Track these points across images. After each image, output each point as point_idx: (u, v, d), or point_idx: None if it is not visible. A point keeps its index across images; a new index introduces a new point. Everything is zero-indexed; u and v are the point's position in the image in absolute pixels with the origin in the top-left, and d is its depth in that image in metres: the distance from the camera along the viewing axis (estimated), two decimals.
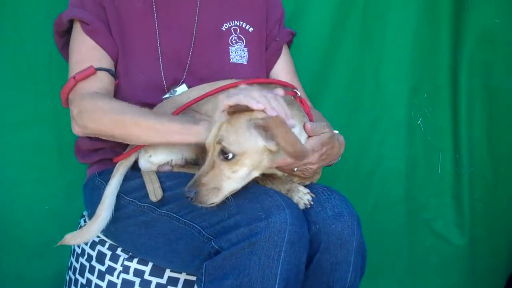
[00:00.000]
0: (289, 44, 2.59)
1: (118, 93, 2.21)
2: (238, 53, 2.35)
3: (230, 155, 1.71)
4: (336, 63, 3.01)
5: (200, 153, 2.02)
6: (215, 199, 1.72)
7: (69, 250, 2.36)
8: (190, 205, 1.86)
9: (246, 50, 2.37)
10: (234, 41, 2.36)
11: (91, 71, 2.10)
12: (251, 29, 2.40)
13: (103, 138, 2.09)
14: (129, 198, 2.05)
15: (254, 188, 1.83)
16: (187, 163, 2.08)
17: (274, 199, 1.76)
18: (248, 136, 1.72)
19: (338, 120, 2.96)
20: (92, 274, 2.20)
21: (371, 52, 3.03)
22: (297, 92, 2.10)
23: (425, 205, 3.18)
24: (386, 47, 3.04)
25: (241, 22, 2.39)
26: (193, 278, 2.08)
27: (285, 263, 1.70)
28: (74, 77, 2.09)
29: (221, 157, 1.72)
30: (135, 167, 2.10)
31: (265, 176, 1.97)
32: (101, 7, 2.21)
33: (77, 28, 2.20)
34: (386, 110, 3.08)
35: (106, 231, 2.16)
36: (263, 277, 1.68)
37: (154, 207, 1.96)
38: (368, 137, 3.10)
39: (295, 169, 1.92)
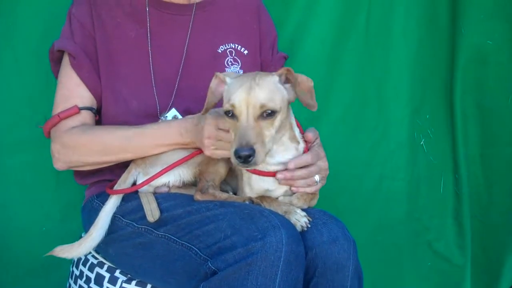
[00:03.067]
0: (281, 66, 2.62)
1: (109, 120, 2.24)
2: None
3: (269, 112, 1.79)
4: (337, 83, 3.04)
5: (198, 175, 2.04)
6: (263, 158, 1.77)
7: (67, 272, 2.36)
8: (187, 227, 1.90)
9: (241, 72, 2.40)
10: (230, 63, 2.39)
11: (75, 111, 2.19)
12: (245, 52, 2.44)
13: (91, 168, 2.20)
14: (126, 220, 2.07)
15: (249, 208, 1.85)
16: (184, 184, 2.10)
17: (269, 219, 1.77)
18: (280, 92, 1.84)
19: (340, 140, 3.01)
20: None
21: (373, 72, 3.06)
22: None
23: (428, 226, 3.19)
24: (388, 68, 3.08)
25: (236, 45, 2.43)
26: None
27: (282, 283, 1.71)
28: (58, 115, 2.18)
29: (264, 115, 1.78)
30: None
31: (262, 198, 1.99)
32: (90, 38, 2.26)
33: (66, 60, 2.26)
34: (389, 130, 3.10)
35: (105, 253, 2.19)
36: None
37: (151, 229, 1.98)
38: (370, 158, 3.12)
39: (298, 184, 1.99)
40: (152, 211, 1.97)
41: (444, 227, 3.18)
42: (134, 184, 2.11)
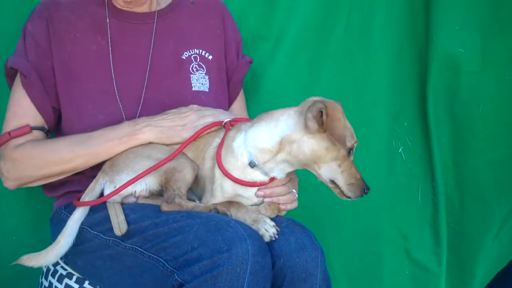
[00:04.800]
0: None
1: None
2: (200, 81, 2.37)
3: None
4: (317, 88, 2.99)
5: (164, 183, 2.03)
6: None
7: (37, 283, 2.35)
8: (154, 238, 1.89)
9: (207, 78, 2.40)
10: (195, 69, 2.38)
11: (27, 130, 2.18)
12: (210, 57, 2.43)
13: (44, 182, 2.18)
14: (94, 232, 2.05)
15: (216, 219, 1.84)
16: (152, 195, 2.09)
17: (235, 230, 1.77)
18: None
19: None
20: None
21: (353, 78, 3.04)
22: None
23: (406, 234, 3.17)
24: (367, 74, 3.05)
25: (200, 50, 2.42)
26: None
27: None
28: (9, 133, 2.16)
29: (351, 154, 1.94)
30: None
31: (230, 204, 1.99)
32: (45, 57, 2.23)
33: (18, 77, 2.23)
34: (369, 138, 3.05)
35: (73, 264, 2.18)
36: None
37: (119, 241, 1.97)
38: None
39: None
40: (119, 225, 1.96)
41: (422, 235, 3.17)
42: (102, 192, 2.09)
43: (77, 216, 2.05)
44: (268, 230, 1.89)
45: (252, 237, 1.77)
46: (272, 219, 1.97)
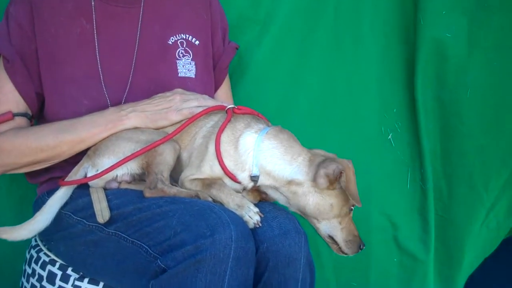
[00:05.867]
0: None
1: None
2: (186, 67, 2.35)
3: None
4: (306, 76, 2.99)
5: (146, 167, 2.01)
6: None
7: (20, 270, 2.32)
8: (137, 224, 1.87)
9: (193, 64, 2.37)
10: (181, 55, 2.35)
11: (9, 117, 2.14)
12: (197, 42, 2.40)
13: (29, 169, 2.15)
14: (77, 218, 2.04)
15: (200, 205, 1.82)
16: (134, 179, 2.07)
17: (219, 216, 1.76)
18: None
19: (309, 135, 2.94)
20: None
21: (342, 64, 3.01)
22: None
23: (395, 221, 3.15)
24: (357, 60, 3.03)
25: (187, 35, 2.39)
26: None
27: (232, 280, 1.70)
28: None
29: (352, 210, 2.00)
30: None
31: (213, 183, 1.97)
32: (29, 40, 2.18)
33: (0, 61, 2.19)
34: (358, 125, 3.06)
35: (56, 250, 2.16)
36: None
37: (102, 227, 1.96)
38: (340, 153, 3.06)
39: None
40: (102, 211, 1.94)
41: (411, 223, 3.15)
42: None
43: (58, 195, 2.03)
44: (252, 217, 1.88)
45: (235, 223, 1.76)
46: (255, 205, 1.95)
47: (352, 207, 1.98)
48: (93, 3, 2.27)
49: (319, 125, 3.02)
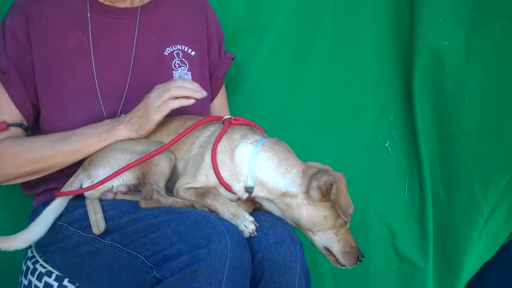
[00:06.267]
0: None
1: None
2: (182, 77, 2.34)
3: None
4: (303, 84, 2.99)
5: (141, 178, 2.01)
6: None
7: (17, 282, 2.31)
8: (132, 235, 1.87)
9: (189, 74, 2.37)
10: (177, 65, 2.35)
11: (3, 127, 2.14)
12: (193, 53, 2.40)
13: (24, 180, 2.15)
14: (72, 229, 2.03)
15: (195, 215, 1.82)
16: (130, 190, 2.06)
17: (214, 226, 1.75)
18: None
19: (307, 144, 2.95)
20: None
21: (340, 73, 3.01)
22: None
23: (393, 229, 3.14)
24: (354, 69, 3.03)
25: (183, 46, 2.39)
26: None
27: None
28: None
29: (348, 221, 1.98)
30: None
31: (207, 192, 1.96)
32: (25, 52, 2.18)
33: None
34: (356, 133, 3.05)
35: (53, 262, 2.16)
36: None
37: (98, 238, 1.95)
38: (339, 161, 3.00)
39: None
40: (97, 222, 1.93)
41: (409, 231, 3.14)
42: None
43: (54, 206, 2.04)
44: (248, 226, 1.87)
45: (231, 232, 1.75)
46: (251, 214, 1.94)
47: (349, 218, 1.96)
48: (89, 15, 2.27)
49: (316, 133, 3.01)
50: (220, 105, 2.55)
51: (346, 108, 3.02)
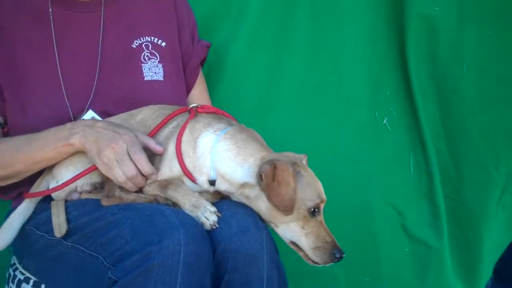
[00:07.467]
0: (206, 55, 2.52)
1: (19, 133, 2.08)
2: (152, 70, 2.26)
3: None
4: (287, 62, 2.86)
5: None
6: None
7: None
8: (93, 235, 1.81)
9: (160, 66, 2.28)
10: (147, 58, 2.27)
11: None
12: (163, 44, 2.32)
13: None
14: (40, 233, 1.99)
15: (151, 210, 1.74)
16: (95, 188, 2.00)
17: (168, 220, 1.66)
18: None
19: (296, 124, 2.85)
20: None
21: (326, 51, 2.88)
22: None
23: (401, 209, 3.00)
24: (341, 45, 2.88)
25: (152, 38, 2.30)
26: None
27: None
28: None
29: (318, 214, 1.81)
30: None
31: (169, 183, 1.88)
32: None
33: None
34: (348, 110, 2.91)
35: (28, 267, 2.11)
36: None
37: (61, 240, 1.89)
38: (331, 141, 2.92)
39: None
40: (59, 225, 1.88)
41: (418, 209, 2.99)
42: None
43: (18, 211, 2.01)
44: (209, 217, 1.77)
45: (186, 226, 1.66)
46: (214, 204, 1.84)
47: (317, 210, 1.80)
48: (50, 10, 2.21)
49: (306, 117, 2.89)
50: (199, 95, 2.46)
51: (336, 87, 2.88)
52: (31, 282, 2.10)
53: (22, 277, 2.13)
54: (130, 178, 1.85)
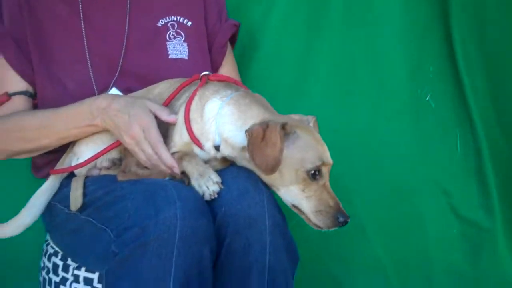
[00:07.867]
0: (235, 35, 2.49)
1: (47, 105, 2.12)
2: (177, 48, 2.27)
3: None
4: (321, 42, 2.80)
5: (123, 150, 1.97)
6: None
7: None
8: (104, 209, 1.83)
9: (185, 45, 2.28)
10: (172, 37, 2.28)
11: (5, 99, 2.11)
12: (189, 23, 2.32)
13: (18, 157, 2.12)
14: (61, 206, 2.04)
15: (156, 184, 1.74)
16: (115, 164, 2.03)
17: (167, 194, 1.66)
18: None
19: (332, 105, 2.79)
20: (50, 286, 2.18)
21: (360, 31, 2.80)
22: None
23: (448, 188, 2.88)
24: (377, 20, 2.79)
25: (178, 17, 2.31)
26: None
27: (181, 262, 1.59)
28: None
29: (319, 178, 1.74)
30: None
31: (184, 154, 1.87)
32: (18, 23, 2.16)
33: None
34: (387, 89, 2.82)
35: (55, 240, 2.18)
36: (156, 279, 1.58)
37: (78, 214, 1.93)
38: (370, 122, 2.84)
39: None
40: (75, 199, 1.91)
41: (466, 189, 2.87)
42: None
43: (44, 187, 2.04)
44: (210, 187, 1.74)
45: (183, 199, 1.64)
46: (221, 170, 1.84)
47: (318, 173, 1.73)
48: None
49: (342, 98, 2.82)
50: (227, 74, 2.43)
51: (373, 65, 2.78)
52: (59, 255, 2.16)
53: (52, 251, 2.20)
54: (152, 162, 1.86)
